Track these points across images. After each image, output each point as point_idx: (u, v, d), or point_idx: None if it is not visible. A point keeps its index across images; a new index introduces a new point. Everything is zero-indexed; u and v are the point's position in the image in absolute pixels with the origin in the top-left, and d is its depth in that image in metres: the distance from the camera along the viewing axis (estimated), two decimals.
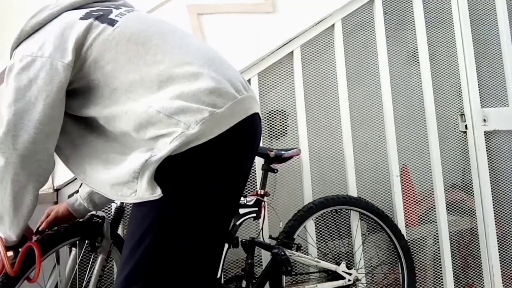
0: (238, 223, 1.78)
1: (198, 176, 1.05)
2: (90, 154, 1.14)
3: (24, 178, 1.10)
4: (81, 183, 1.75)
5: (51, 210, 1.52)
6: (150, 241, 1.02)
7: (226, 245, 1.74)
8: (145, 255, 1.02)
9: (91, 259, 1.73)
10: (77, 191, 1.70)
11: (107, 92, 1.08)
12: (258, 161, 2.08)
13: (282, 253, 1.79)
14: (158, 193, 1.01)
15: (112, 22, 1.12)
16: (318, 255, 2.17)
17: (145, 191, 1.01)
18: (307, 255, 2.07)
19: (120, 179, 1.04)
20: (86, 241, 1.59)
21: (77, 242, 1.56)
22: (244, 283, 1.77)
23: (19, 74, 1.06)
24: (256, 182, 2.16)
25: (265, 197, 1.88)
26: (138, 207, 1.07)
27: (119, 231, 1.75)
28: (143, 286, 1.03)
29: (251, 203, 1.80)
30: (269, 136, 2.26)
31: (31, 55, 1.07)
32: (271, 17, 2.32)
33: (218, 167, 1.08)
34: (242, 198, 1.79)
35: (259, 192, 1.87)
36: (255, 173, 2.15)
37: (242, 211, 1.79)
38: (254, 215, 1.81)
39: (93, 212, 1.58)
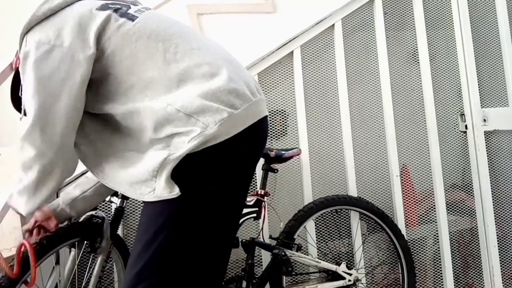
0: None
1: (213, 175, 1.06)
2: (106, 151, 1.14)
3: (51, 167, 1.12)
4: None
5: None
6: (164, 238, 1.03)
7: None
8: (159, 253, 1.03)
9: (90, 260, 1.72)
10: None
11: (123, 88, 1.07)
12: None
13: (283, 253, 1.78)
14: (176, 191, 1.01)
15: (132, 18, 1.12)
16: (318, 255, 2.17)
17: (163, 190, 1.01)
18: (307, 255, 2.07)
19: (139, 177, 1.04)
20: (86, 242, 1.58)
21: (76, 243, 1.55)
22: (244, 284, 1.77)
23: (38, 63, 1.05)
24: (256, 182, 2.16)
25: (265, 197, 1.88)
26: (152, 203, 1.07)
27: (119, 232, 1.75)
28: (154, 283, 1.03)
29: (251, 203, 1.81)
30: (269, 136, 2.25)
31: (48, 43, 1.05)
32: (271, 17, 2.32)
33: (233, 167, 1.10)
34: None
35: (259, 192, 1.86)
36: (255, 173, 2.14)
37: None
38: (255, 215, 1.81)
39: (93, 213, 1.57)
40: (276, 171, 1.93)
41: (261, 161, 1.93)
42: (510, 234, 2.48)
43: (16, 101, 1.24)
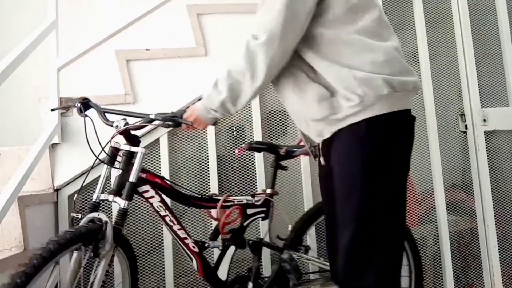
0: (245, 223, 1.71)
1: None
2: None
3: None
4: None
5: None
6: None
7: (233, 247, 1.68)
8: None
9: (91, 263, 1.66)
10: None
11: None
12: (265, 159, 2.09)
13: (291, 259, 1.71)
14: None
15: None
16: (318, 255, 2.15)
17: None
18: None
19: None
20: (87, 247, 1.49)
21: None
22: (250, 285, 1.72)
23: None
24: (256, 181, 2.16)
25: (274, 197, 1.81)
26: None
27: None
28: None
29: (259, 202, 1.74)
30: (269, 136, 2.24)
31: None
32: None
33: None
34: (250, 198, 1.74)
35: (267, 191, 1.79)
36: (256, 172, 2.13)
37: (250, 211, 1.72)
38: (263, 215, 1.75)
39: (95, 215, 1.48)
40: (286, 168, 1.86)
41: (271, 158, 1.87)
42: (510, 234, 2.48)
43: None
